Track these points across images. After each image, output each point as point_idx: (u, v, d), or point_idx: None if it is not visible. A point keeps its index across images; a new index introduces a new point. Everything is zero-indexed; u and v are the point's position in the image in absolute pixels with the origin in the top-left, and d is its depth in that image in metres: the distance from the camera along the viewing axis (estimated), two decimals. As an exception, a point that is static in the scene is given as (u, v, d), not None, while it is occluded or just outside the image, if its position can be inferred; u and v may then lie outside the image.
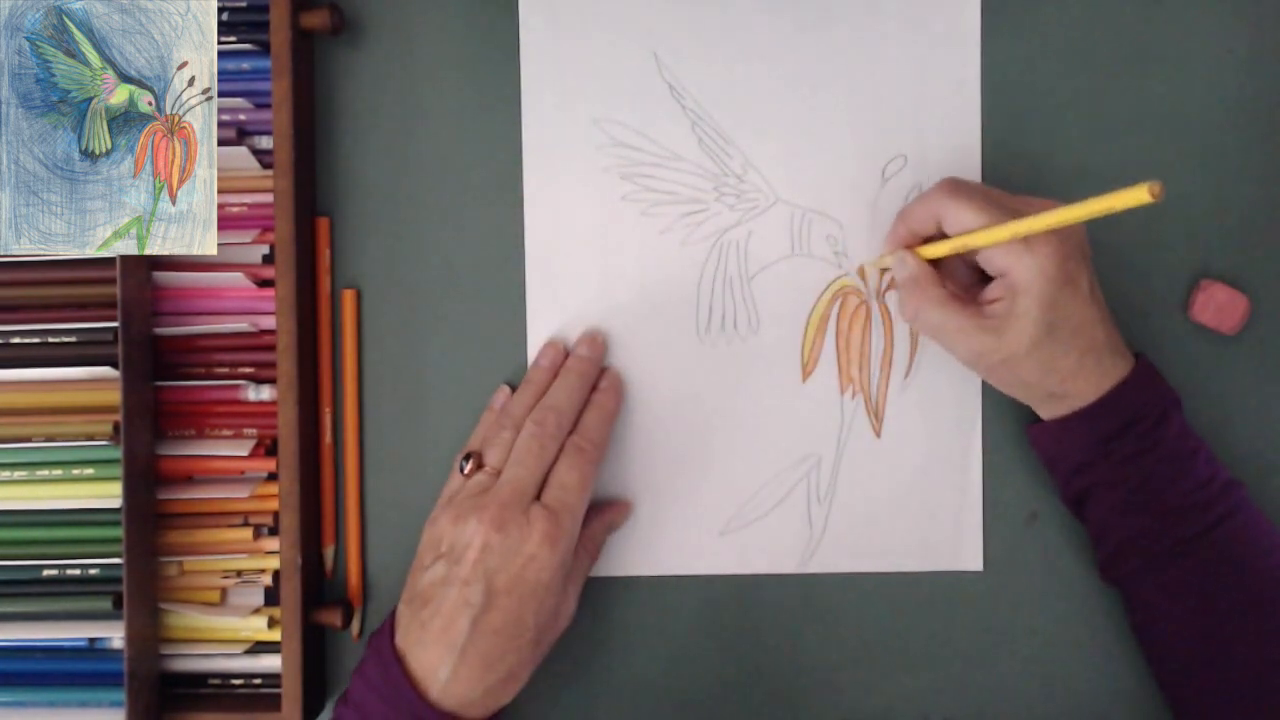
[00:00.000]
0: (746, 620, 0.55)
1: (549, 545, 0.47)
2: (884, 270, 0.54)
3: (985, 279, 0.50)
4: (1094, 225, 0.54)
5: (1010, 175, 0.54)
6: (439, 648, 0.46)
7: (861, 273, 0.54)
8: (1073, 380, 0.48)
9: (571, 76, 0.54)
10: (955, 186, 0.49)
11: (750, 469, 0.54)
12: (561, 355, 0.53)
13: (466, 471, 0.50)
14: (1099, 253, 0.54)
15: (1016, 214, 0.47)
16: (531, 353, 0.54)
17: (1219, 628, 0.49)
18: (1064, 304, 0.47)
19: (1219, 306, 0.53)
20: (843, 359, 0.54)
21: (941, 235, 0.50)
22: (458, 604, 0.46)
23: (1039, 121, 0.54)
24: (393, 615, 0.49)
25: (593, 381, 0.53)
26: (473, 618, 0.46)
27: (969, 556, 0.54)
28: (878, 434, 0.54)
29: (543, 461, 0.49)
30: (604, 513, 0.53)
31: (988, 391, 0.54)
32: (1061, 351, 0.48)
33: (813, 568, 0.54)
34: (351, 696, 0.48)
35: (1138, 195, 0.39)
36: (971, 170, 0.54)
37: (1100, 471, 0.49)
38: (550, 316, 0.54)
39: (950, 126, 0.54)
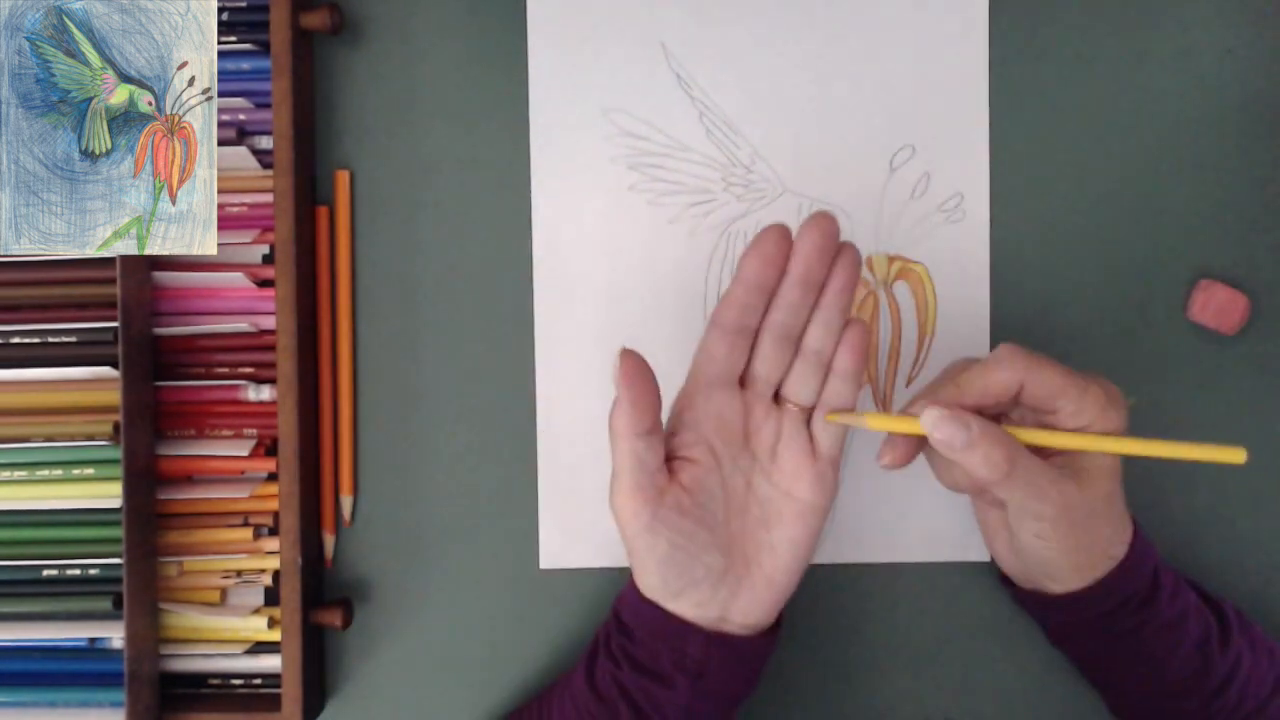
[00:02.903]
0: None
1: None
2: (892, 260, 0.54)
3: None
4: (1093, 224, 0.54)
5: (1016, 168, 0.54)
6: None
7: (869, 263, 0.54)
8: (1119, 541, 0.46)
9: (579, 67, 0.54)
10: (1029, 353, 0.45)
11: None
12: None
13: None
14: (1098, 251, 0.54)
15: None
16: (540, 348, 0.54)
17: None
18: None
19: (1219, 306, 0.53)
20: (851, 350, 0.54)
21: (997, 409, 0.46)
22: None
23: (1046, 115, 0.54)
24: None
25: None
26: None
27: (977, 548, 0.54)
28: (885, 424, 0.54)
29: None
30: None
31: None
32: (1121, 507, 0.46)
33: (821, 558, 0.54)
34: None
35: (1232, 456, 0.43)
36: (979, 164, 0.54)
37: (1099, 643, 0.48)
38: (558, 309, 0.54)
39: (958, 117, 0.54)
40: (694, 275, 0.54)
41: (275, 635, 0.53)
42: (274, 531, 0.54)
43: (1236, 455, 0.42)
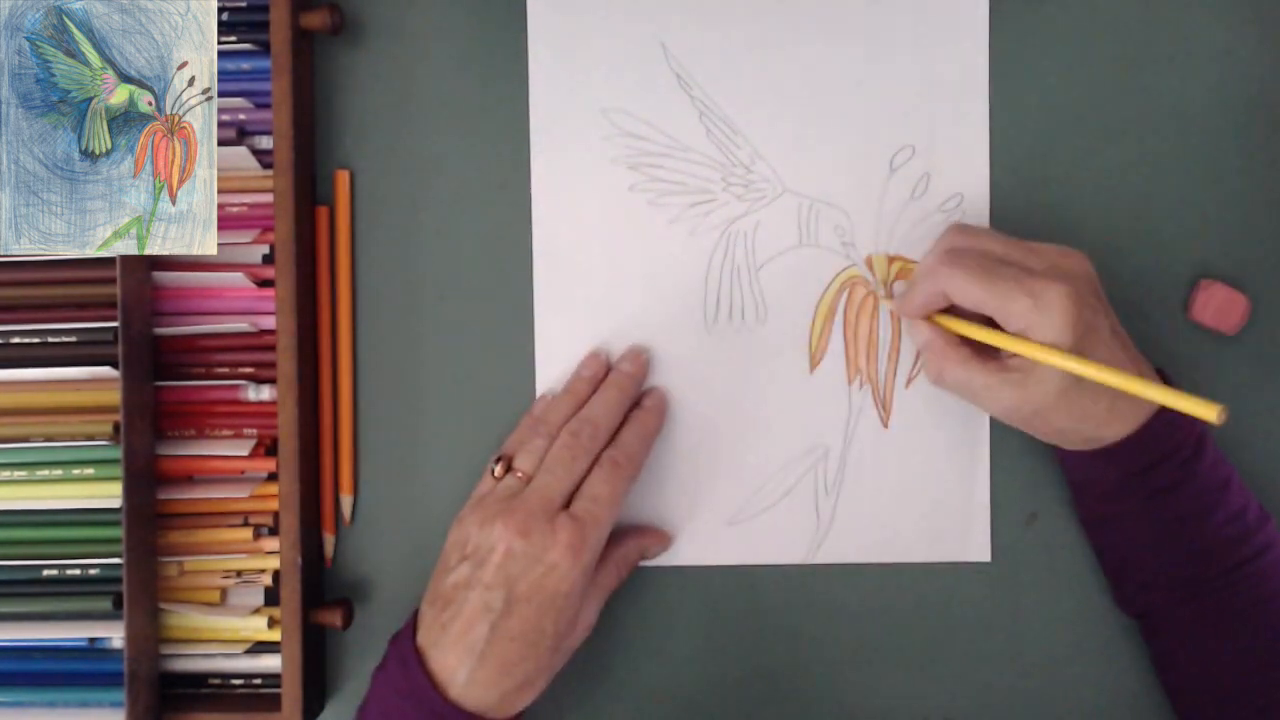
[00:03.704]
0: (753, 612, 0.55)
1: (571, 555, 0.47)
2: (892, 261, 0.54)
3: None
4: (1093, 223, 0.54)
5: (1017, 168, 0.54)
6: (458, 650, 0.46)
7: (869, 263, 0.54)
8: (1107, 425, 0.47)
9: (579, 67, 0.54)
10: (953, 257, 0.48)
11: (758, 459, 0.54)
12: (603, 368, 0.53)
13: (496, 474, 0.50)
14: (1098, 251, 0.54)
15: (1023, 269, 0.47)
16: (540, 348, 0.54)
17: (1247, 665, 0.48)
18: (1085, 352, 0.46)
19: (1219, 306, 0.53)
20: (850, 350, 0.54)
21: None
22: (478, 608, 0.47)
23: (1046, 115, 0.54)
24: (415, 615, 0.49)
25: (633, 398, 0.53)
26: (492, 622, 0.46)
27: (977, 548, 0.54)
28: (885, 424, 0.54)
29: (573, 472, 0.49)
30: (642, 536, 0.53)
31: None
32: (1091, 399, 0.47)
33: (820, 558, 0.54)
34: (373, 696, 0.48)
35: (1205, 410, 0.41)
36: (979, 164, 0.54)
37: (1131, 503, 0.49)
38: (558, 310, 0.54)
39: (958, 118, 0.54)
40: (694, 275, 0.54)
41: (275, 635, 0.53)
42: (274, 531, 0.54)
43: (1209, 411, 0.41)
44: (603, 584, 0.51)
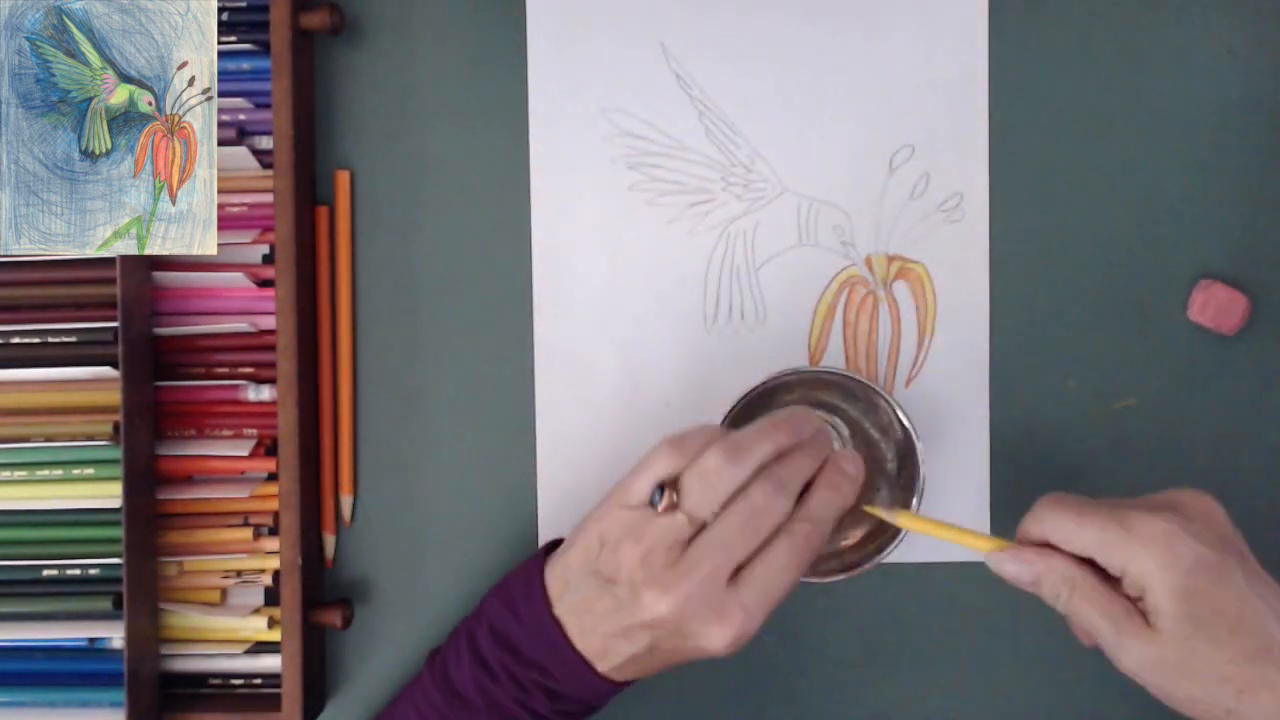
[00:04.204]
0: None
1: (728, 646, 0.43)
2: (891, 260, 0.54)
3: None
4: (1093, 223, 0.54)
5: (1017, 168, 0.54)
6: (591, 641, 0.44)
7: (869, 263, 0.54)
8: (1252, 694, 0.40)
9: (579, 66, 0.54)
10: (1051, 498, 0.44)
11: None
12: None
13: (660, 506, 0.43)
14: (1098, 251, 0.54)
15: (1124, 504, 0.43)
16: (540, 348, 0.54)
17: None
18: (1199, 594, 0.40)
19: (1219, 306, 0.53)
20: (850, 349, 0.54)
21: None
22: (617, 635, 0.44)
23: (1046, 115, 0.54)
24: (543, 563, 0.46)
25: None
26: (630, 654, 0.44)
27: (976, 547, 0.54)
28: (886, 423, 0.54)
29: (761, 541, 0.43)
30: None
31: (996, 382, 0.54)
32: (1225, 657, 0.40)
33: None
34: (495, 624, 0.46)
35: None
36: (979, 164, 0.54)
37: None
38: (558, 309, 0.54)
39: (958, 117, 0.54)
40: (693, 275, 0.54)
41: (275, 635, 0.53)
42: (274, 531, 0.54)
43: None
44: None
